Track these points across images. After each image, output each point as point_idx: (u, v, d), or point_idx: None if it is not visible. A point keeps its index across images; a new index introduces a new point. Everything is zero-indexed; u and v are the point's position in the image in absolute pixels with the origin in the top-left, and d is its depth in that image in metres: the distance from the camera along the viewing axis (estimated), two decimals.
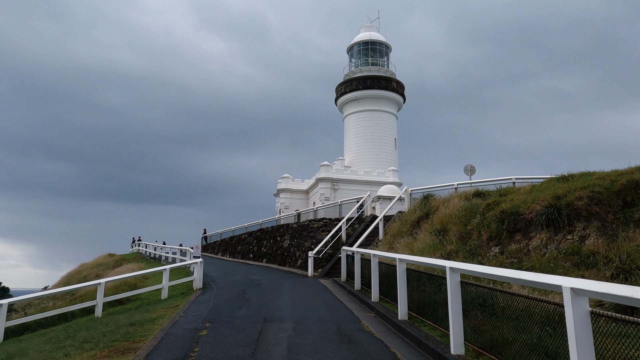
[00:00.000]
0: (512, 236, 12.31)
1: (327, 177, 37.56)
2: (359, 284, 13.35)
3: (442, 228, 15.11)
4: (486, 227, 13.10)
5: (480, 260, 12.05)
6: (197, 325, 8.48)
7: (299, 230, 23.93)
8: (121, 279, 15.63)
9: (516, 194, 14.45)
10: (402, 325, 8.04)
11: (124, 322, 9.43)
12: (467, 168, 23.32)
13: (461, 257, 12.56)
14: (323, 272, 19.00)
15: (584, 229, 11.10)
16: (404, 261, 8.87)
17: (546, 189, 13.53)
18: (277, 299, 11.80)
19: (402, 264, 8.89)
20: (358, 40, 46.06)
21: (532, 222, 11.91)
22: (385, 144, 42.68)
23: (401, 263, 8.88)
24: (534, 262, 10.66)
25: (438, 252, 13.26)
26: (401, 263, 8.88)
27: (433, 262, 6.99)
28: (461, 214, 14.91)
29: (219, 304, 11.22)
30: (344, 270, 16.18)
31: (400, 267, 8.87)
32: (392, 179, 38.22)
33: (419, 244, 14.53)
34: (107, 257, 42.50)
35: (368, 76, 43.37)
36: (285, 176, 42.46)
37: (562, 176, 14.67)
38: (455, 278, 6.37)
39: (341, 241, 21.22)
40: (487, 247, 12.67)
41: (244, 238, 31.28)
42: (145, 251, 38.42)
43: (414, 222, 18.03)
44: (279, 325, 8.42)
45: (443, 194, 20.00)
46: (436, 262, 6.88)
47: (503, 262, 11.58)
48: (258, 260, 26.67)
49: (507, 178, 19.35)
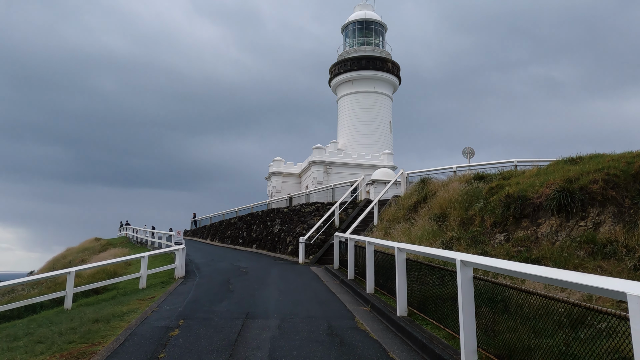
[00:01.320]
0: (518, 222, 11.36)
1: (320, 160, 36.47)
2: (353, 273, 12.40)
3: (441, 213, 14.15)
4: (490, 213, 12.14)
5: (484, 248, 11.11)
6: (170, 323, 7.47)
7: (290, 214, 22.93)
8: (98, 266, 14.58)
9: (521, 177, 13.48)
10: (401, 324, 7.08)
11: (90, 318, 8.41)
12: (465, 151, 22.33)
13: (463, 244, 11.62)
14: (314, 259, 18.07)
15: (599, 215, 10.16)
16: (403, 251, 7.88)
17: (554, 171, 12.55)
18: (263, 290, 10.82)
19: (402, 253, 7.91)
20: (353, 19, 44.56)
21: (541, 207, 10.95)
22: (380, 127, 41.57)
23: (400, 253, 7.89)
24: (545, 251, 9.73)
25: (438, 239, 12.31)
26: (400, 253, 7.89)
27: (441, 253, 5.98)
28: (462, 198, 13.93)
29: (199, 295, 10.22)
30: (336, 258, 15.23)
31: (400, 258, 7.88)
32: (387, 163, 37.22)
33: (417, 230, 13.58)
34: (93, 241, 41.35)
35: (363, 56, 42.03)
36: (277, 159, 41.31)
37: (571, 158, 13.71)
38: (467, 273, 5.38)
39: (334, 226, 20.26)
40: (491, 234, 11.73)
41: (234, 223, 30.27)
42: (133, 236, 37.33)
43: (411, 207, 17.07)
44: (262, 323, 7.44)
45: (441, 178, 19.02)
46: (444, 253, 5.87)
47: (509, 250, 10.66)
48: (247, 246, 25.70)
49: (509, 161, 18.38)
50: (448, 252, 5.89)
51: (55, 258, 41.31)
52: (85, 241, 42.83)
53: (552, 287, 7.88)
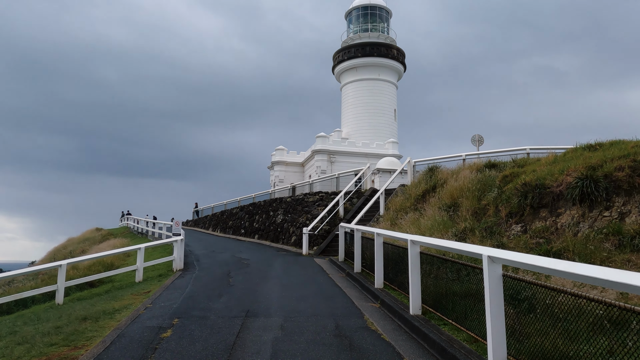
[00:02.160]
0: (536, 212, 10.68)
1: (323, 148, 35.74)
2: (359, 265, 11.77)
3: (452, 203, 13.47)
4: (505, 202, 11.46)
5: (500, 240, 10.45)
6: (163, 322, 6.85)
7: (293, 204, 22.29)
8: (94, 258, 14.01)
9: (537, 165, 12.77)
10: (415, 324, 6.44)
11: (79, 315, 7.82)
12: (474, 138, 21.57)
13: (478, 235, 10.95)
14: (318, 250, 17.45)
15: (624, 204, 9.45)
16: (417, 243, 7.21)
17: (573, 159, 11.83)
18: (265, 285, 10.20)
19: (415, 246, 7.24)
20: (357, 5, 43.51)
21: (561, 196, 10.26)
22: (384, 115, 40.75)
23: (414, 246, 7.23)
24: (567, 243, 9.05)
25: (450, 230, 11.64)
26: (414, 246, 7.23)
27: (463, 247, 5.30)
28: (474, 187, 13.24)
29: (196, 290, 9.61)
30: (341, 249, 14.60)
31: (413, 251, 7.22)
32: (392, 151, 36.47)
33: (426, 221, 12.91)
34: (94, 231, 40.89)
35: (367, 43, 41.07)
36: (279, 148, 40.59)
37: (589, 145, 13.01)
38: (495, 271, 4.72)
39: (338, 216, 19.62)
40: (507, 225, 11.06)
41: (236, 213, 29.67)
42: (134, 226, 36.81)
43: (419, 196, 16.39)
44: (263, 322, 6.81)
45: (449, 166, 18.32)
46: (468, 248, 5.19)
47: (527, 242, 9.99)
48: (250, 237, 25.11)
49: (521, 148, 17.65)
50: (472, 246, 5.21)
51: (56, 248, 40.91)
52: (87, 231, 42.39)
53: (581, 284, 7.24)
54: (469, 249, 5.12)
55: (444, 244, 5.94)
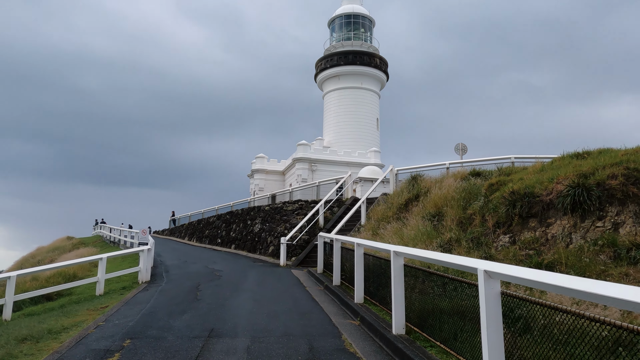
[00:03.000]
0: (525, 222, 10.12)
1: (304, 157, 35.05)
2: (339, 278, 11.03)
3: (436, 212, 12.87)
4: (492, 211, 10.90)
5: (487, 251, 9.85)
6: (112, 344, 5.99)
7: (271, 213, 21.48)
8: (54, 268, 12.97)
9: (524, 173, 12.28)
10: (399, 345, 5.73)
11: (20, 335, 6.88)
12: (458, 147, 21.14)
13: (464, 246, 10.34)
14: (297, 261, 16.66)
15: (618, 214, 8.94)
16: (401, 255, 6.52)
17: (562, 166, 11.36)
18: (236, 299, 9.37)
19: (399, 258, 6.55)
20: (340, 13, 43.25)
21: (552, 205, 9.72)
22: (366, 124, 40.34)
23: (397, 257, 6.54)
24: (559, 255, 8.48)
25: (434, 240, 11.02)
26: (397, 257, 6.54)
27: (456, 260, 4.61)
28: (459, 196, 12.68)
29: (158, 305, 8.72)
30: (320, 260, 13.85)
31: (396, 263, 6.53)
32: (374, 160, 35.97)
33: (410, 231, 12.27)
34: (65, 240, 39.34)
35: (350, 51, 40.74)
36: (260, 156, 39.76)
37: (577, 153, 12.59)
38: (493, 287, 4.05)
39: (318, 226, 18.88)
40: (494, 235, 10.48)
41: (213, 221, 28.66)
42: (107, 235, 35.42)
43: (402, 205, 15.78)
44: (227, 344, 6.00)
45: (433, 175, 17.80)
46: (461, 261, 4.50)
47: (516, 253, 9.41)
48: (226, 246, 24.15)
49: (506, 157, 17.23)
50: (465, 259, 4.53)
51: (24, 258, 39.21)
52: (57, 240, 40.78)
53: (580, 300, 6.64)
54: (462, 262, 4.43)
55: (432, 255, 5.25)
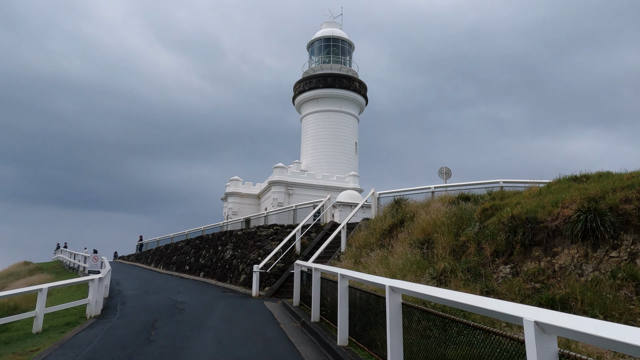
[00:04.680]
0: (527, 251, 9.05)
1: (281, 180, 33.76)
2: (318, 313, 9.66)
3: (425, 239, 11.73)
4: (489, 239, 9.82)
5: (487, 284, 8.69)
6: None
7: (244, 238, 19.98)
8: None
9: (519, 198, 11.31)
10: None
11: None
12: (442, 171, 20.26)
13: (460, 278, 9.16)
14: (271, 292, 15.18)
15: (634, 242, 7.94)
16: (399, 292, 5.28)
17: (561, 190, 10.43)
18: (197, 340, 7.89)
19: (396, 296, 5.30)
20: (319, 36, 42.88)
21: (558, 232, 8.68)
22: (345, 148, 39.49)
23: (394, 295, 5.29)
24: (573, 289, 7.37)
25: (426, 271, 9.81)
26: (394, 295, 5.29)
27: (489, 305, 3.35)
28: (450, 221, 11.59)
29: (100, 350, 7.18)
30: (297, 292, 12.44)
31: (393, 302, 5.27)
32: (353, 185, 34.94)
33: (397, 260, 11.06)
34: (21, 265, 36.59)
35: (329, 74, 40.17)
36: (234, 178, 38.26)
37: (574, 177, 11.72)
38: (547, 346, 2.83)
39: (294, 252, 17.49)
40: (493, 265, 9.36)
41: (181, 247, 26.86)
42: (68, 260, 33.02)
43: (385, 231, 14.60)
44: None
45: (417, 199, 16.77)
46: (498, 306, 3.25)
47: (521, 287, 8.28)
48: (194, 274, 22.40)
49: (494, 181, 16.35)
50: (503, 303, 3.29)
51: None
52: (12, 265, 37.97)
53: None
54: (498, 307, 3.19)
55: (449, 296, 3.99)
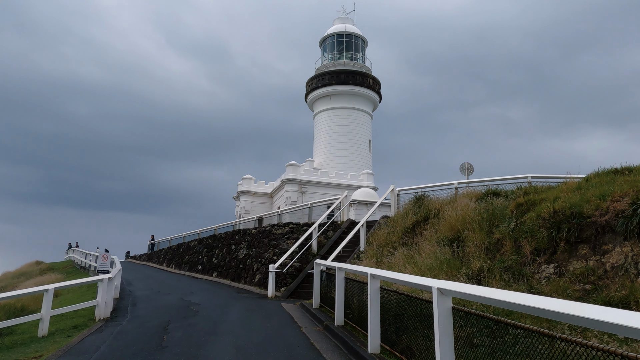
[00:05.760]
0: (573, 249, 8.24)
1: (294, 178, 33.10)
2: (342, 317, 8.95)
3: (454, 236, 10.96)
4: (528, 235, 9.02)
5: (531, 284, 7.92)
6: None
7: (258, 237, 19.34)
8: None
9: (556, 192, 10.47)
10: None
11: None
12: (463, 167, 19.43)
13: (498, 277, 8.40)
14: (287, 292, 14.51)
15: None
16: (448, 294, 4.55)
17: (604, 183, 9.59)
18: (213, 346, 7.22)
19: (445, 299, 4.58)
20: (332, 32, 42.15)
21: (608, 228, 7.87)
22: (359, 145, 38.72)
23: (443, 298, 4.57)
24: (632, 290, 6.58)
25: (459, 270, 9.06)
26: (443, 298, 4.57)
27: (600, 315, 2.62)
28: (481, 217, 10.81)
29: (108, 357, 6.54)
30: (316, 293, 11.75)
31: (442, 306, 4.55)
32: (367, 183, 34.17)
33: (425, 259, 10.31)
34: (33, 265, 36.40)
35: (342, 70, 39.42)
36: (247, 177, 37.70)
37: (615, 169, 10.85)
38: None
39: (311, 252, 16.80)
40: (534, 265, 8.56)
41: (194, 246, 26.32)
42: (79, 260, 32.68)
43: (408, 229, 13.85)
44: None
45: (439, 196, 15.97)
46: (622, 318, 2.51)
47: (569, 288, 7.48)
48: (207, 274, 21.81)
49: (522, 176, 15.51)
50: (622, 313, 2.55)
51: None
52: (24, 265, 37.79)
53: None
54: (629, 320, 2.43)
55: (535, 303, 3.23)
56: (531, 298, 3.45)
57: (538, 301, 3.13)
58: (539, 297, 3.22)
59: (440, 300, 4.58)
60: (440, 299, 4.58)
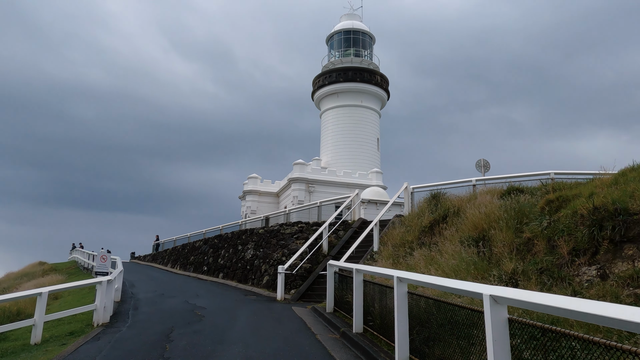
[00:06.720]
0: (617, 249, 7.43)
1: (301, 177, 32.37)
2: (361, 323, 8.19)
3: (479, 236, 10.17)
4: (564, 234, 8.22)
5: (574, 288, 7.13)
6: None
7: (266, 237, 18.62)
8: None
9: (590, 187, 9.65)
10: None
11: None
12: (479, 163, 18.62)
13: (535, 280, 7.61)
14: (297, 295, 13.77)
15: None
16: (503, 302, 3.79)
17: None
18: (220, 357, 6.49)
19: (500, 309, 3.82)
20: (339, 29, 41.41)
21: None
22: (366, 144, 37.94)
23: (497, 307, 3.80)
24: None
25: (489, 273, 8.28)
26: (497, 307, 3.80)
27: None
28: (508, 215, 10.02)
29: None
30: (330, 296, 10.99)
31: (496, 316, 3.79)
32: (376, 182, 33.38)
33: (448, 259, 9.54)
34: (36, 265, 35.84)
35: (349, 67, 38.66)
36: (253, 176, 37.02)
37: None
38: None
39: (322, 252, 16.05)
40: (572, 266, 7.76)
41: (199, 246, 25.64)
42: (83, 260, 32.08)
43: (425, 228, 13.07)
44: None
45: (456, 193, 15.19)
46: None
47: (618, 293, 6.69)
48: (213, 275, 21.11)
49: (544, 172, 14.70)
50: None
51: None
52: (28, 265, 37.27)
53: None
54: None
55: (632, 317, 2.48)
56: (629, 310, 2.68)
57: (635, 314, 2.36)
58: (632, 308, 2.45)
59: (494, 309, 3.81)
60: (494, 309, 3.81)
